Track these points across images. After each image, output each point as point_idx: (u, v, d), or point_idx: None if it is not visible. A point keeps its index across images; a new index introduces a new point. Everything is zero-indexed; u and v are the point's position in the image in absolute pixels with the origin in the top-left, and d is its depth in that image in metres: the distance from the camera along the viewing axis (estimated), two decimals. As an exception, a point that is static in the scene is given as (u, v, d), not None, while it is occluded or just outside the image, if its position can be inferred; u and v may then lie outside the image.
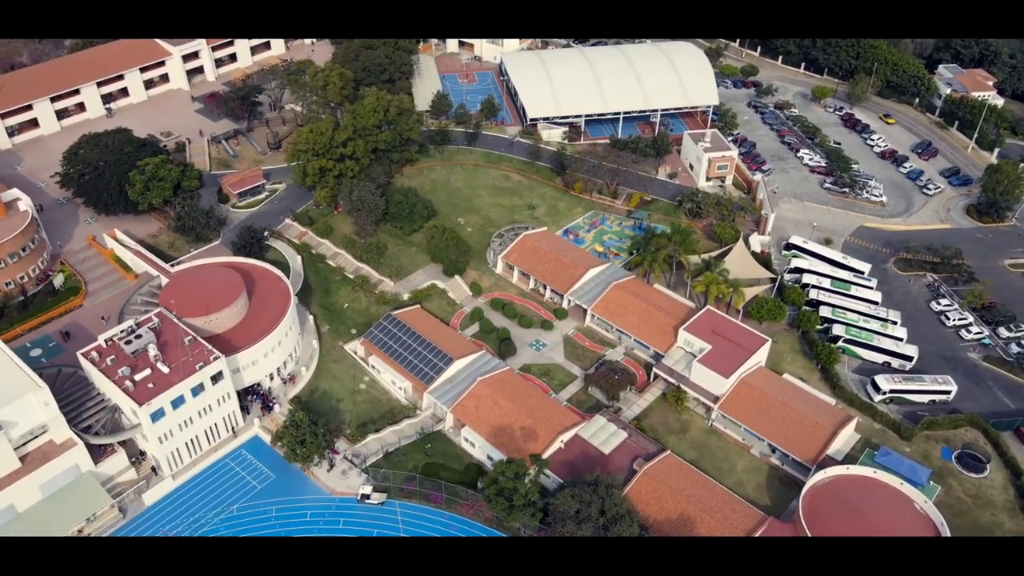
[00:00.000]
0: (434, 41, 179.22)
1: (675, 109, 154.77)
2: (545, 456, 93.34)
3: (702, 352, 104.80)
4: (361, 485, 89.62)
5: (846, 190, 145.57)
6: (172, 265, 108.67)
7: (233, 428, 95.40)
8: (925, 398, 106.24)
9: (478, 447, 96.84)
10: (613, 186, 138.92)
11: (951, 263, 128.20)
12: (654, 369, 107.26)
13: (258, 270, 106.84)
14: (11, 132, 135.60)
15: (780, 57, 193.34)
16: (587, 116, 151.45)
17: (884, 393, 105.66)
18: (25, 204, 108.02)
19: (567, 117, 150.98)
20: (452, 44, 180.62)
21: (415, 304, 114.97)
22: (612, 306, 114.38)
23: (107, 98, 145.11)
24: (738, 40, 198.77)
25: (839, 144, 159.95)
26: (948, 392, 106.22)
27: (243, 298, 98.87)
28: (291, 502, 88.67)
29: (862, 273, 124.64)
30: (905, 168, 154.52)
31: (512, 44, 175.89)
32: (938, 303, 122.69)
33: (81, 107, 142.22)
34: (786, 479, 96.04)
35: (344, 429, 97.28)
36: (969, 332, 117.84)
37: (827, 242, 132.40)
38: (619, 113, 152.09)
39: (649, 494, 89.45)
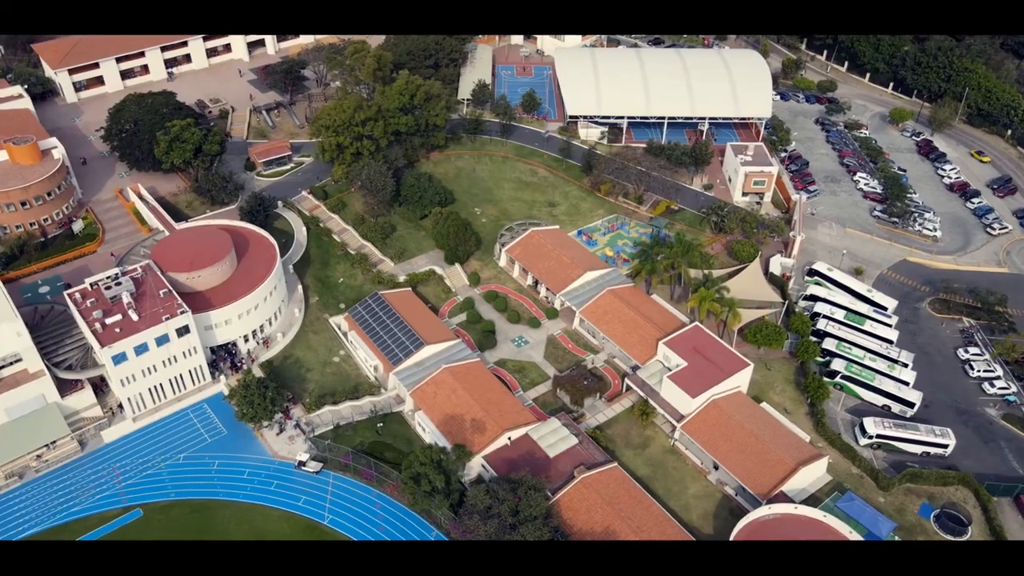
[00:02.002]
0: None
1: (723, 118, 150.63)
2: (488, 451, 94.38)
3: (677, 368, 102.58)
4: (301, 452, 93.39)
5: (896, 220, 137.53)
6: (184, 223, 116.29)
7: (219, 376, 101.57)
8: (918, 449, 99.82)
9: (428, 432, 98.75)
10: (640, 191, 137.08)
11: (992, 310, 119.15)
12: (626, 380, 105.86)
13: (256, 236, 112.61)
14: (79, 87, 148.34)
15: (868, 74, 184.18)
16: (629, 118, 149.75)
17: (870, 437, 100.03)
18: (59, 153, 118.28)
19: (608, 117, 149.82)
20: (516, 36, 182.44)
21: (408, 287, 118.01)
22: (600, 311, 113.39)
23: (171, 63, 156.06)
24: (825, 53, 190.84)
25: (904, 171, 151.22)
26: (945, 446, 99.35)
27: (228, 260, 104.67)
28: (234, 459, 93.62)
29: (885, 309, 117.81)
30: (973, 203, 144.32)
31: (575, 40, 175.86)
32: (966, 351, 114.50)
33: (145, 69, 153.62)
34: (736, 510, 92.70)
35: (304, 397, 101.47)
36: (993, 386, 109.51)
37: (857, 272, 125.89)
38: (663, 118, 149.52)
39: (580, 503, 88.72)
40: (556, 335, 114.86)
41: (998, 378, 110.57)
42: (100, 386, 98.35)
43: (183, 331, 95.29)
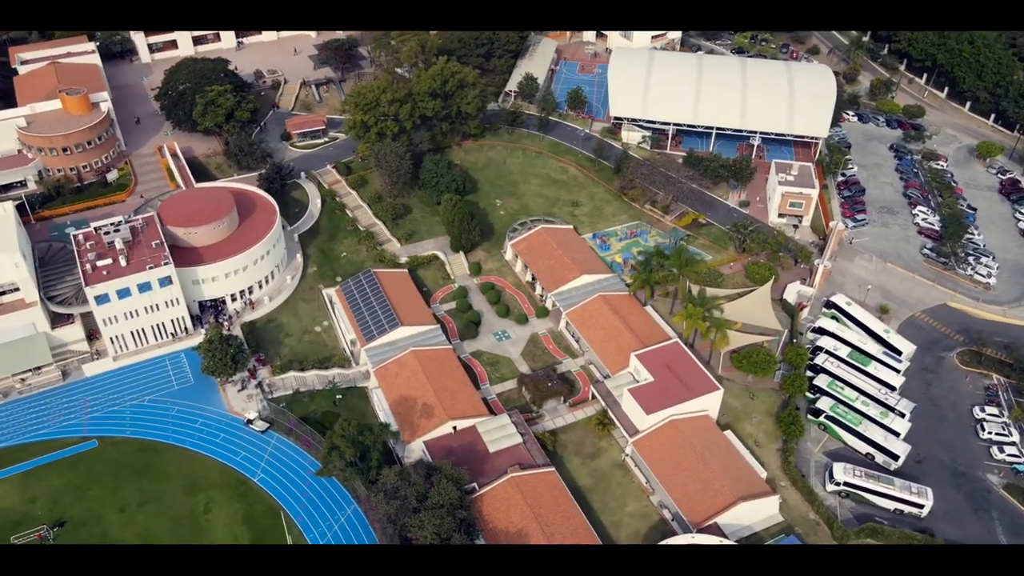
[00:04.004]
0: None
1: (775, 134, 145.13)
2: (429, 437, 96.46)
3: (643, 383, 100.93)
4: (251, 411, 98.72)
5: (945, 260, 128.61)
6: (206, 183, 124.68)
7: (201, 329, 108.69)
8: (890, 504, 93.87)
9: (381, 411, 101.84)
10: (668, 200, 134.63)
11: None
12: (592, 388, 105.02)
13: (263, 203, 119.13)
14: (154, 49, 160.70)
15: (968, 103, 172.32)
16: (676, 125, 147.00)
17: (837, 484, 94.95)
18: (106, 107, 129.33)
19: (654, 122, 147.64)
20: (589, 32, 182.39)
21: (407, 269, 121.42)
22: (587, 315, 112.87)
23: (242, 32, 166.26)
24: (925, 76, 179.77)
25: (973, 209, 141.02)
26: (920, 506, 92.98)
27: (226, 221, 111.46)
28: (192, 407, 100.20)
29: (898, 354, 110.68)
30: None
31: (644, 40, 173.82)
32: (983, 410, 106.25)
33: (217, 37, 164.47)
34: (669, 535, 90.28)
35: (275, 360, 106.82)
36: (1002, 451, 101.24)
37: (883, 311, 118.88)
38: (711, 128, 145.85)
39: (502, 501, 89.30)
40: (540, 334, 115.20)
41: (1011, 444, 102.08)
42: (96, 332, 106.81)
43: (165, 281, 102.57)
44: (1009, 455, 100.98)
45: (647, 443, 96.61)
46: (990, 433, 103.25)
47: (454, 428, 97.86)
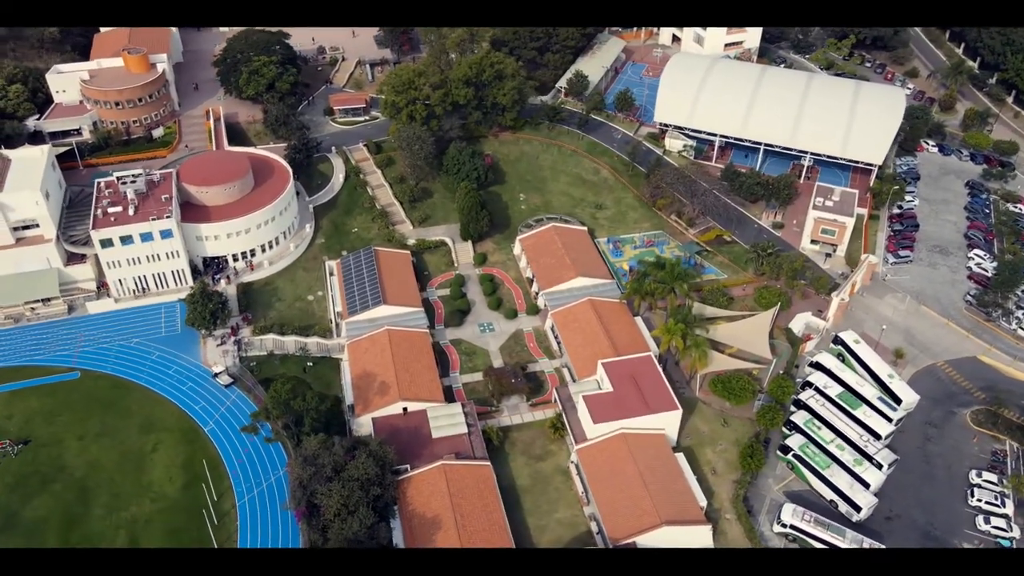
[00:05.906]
0: (650, 30, 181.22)
1: (827, 156, 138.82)
2: (379, 414, 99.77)
3: (601, 391, 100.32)
4: (218, 365, 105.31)
5: (986, 310, 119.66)
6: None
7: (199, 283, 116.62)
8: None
9: (344, 383, 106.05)
10: (695, 212, 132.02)
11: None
12: (554, 390, 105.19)
13: (283, 172, 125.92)
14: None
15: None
16: (722, 136, 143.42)
17: (784, 525, 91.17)
18: (162, 67, 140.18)
19: (699, 131, 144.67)
20: (665, 36, 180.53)
21: (411, 251, 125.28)
22: (571, 318, 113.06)
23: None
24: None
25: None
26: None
27: (238, 185, 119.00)
28: (171, 354, 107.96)
29: (897, 402, 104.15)
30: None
31: (717, 47, 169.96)
32: (979, 475, 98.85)
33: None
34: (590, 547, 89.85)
35: (260, 322, 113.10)
36: (988, 521, 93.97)
37: (897, 355, 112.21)
38: (759, 143, 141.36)
39: (427, 486, 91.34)
40: (525, 331, 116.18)
41: (1002, 516, 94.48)
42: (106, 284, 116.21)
43: (167, 233, 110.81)
44: (995, 527, 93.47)
45: (592, 452, 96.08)
46: (980, 500, 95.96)
47: (404, 409, 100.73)
